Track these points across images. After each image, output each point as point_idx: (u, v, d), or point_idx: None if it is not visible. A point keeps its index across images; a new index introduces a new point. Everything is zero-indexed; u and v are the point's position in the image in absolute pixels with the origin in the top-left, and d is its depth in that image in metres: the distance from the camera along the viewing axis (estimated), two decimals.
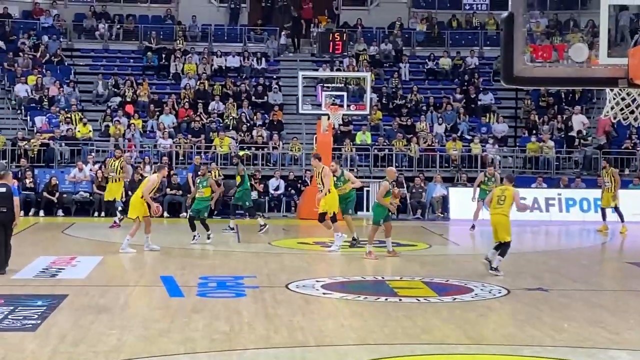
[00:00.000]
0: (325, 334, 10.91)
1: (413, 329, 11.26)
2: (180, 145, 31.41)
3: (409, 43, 39.05)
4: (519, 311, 12.71)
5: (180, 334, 10.67)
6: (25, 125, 32.51)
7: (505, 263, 18.22)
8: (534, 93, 35.25)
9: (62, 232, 23.16)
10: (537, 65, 7.30)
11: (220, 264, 17.40)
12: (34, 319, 11.35)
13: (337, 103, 28.44)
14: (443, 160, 31.86)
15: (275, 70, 37.38)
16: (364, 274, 16.24)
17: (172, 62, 36.37)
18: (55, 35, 36.97)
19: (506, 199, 16.17)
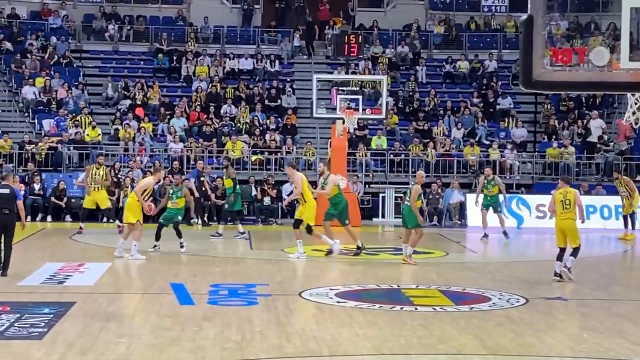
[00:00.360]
0: (339, 343, 10.74)
1: (429, 338, 11.08)
2: (191, 149, 31.18)
3: (426, 45, 38.82)
4: (537, 321, 12.48)
5: (190, 343, 10.52)
6: (32, 128, 32.37)
7: (524, 271, 17.99)
8: (553, 97, 34.93)
9: (70, 237, 22.97)
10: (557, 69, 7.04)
11: (231, 271, 17.18)
12: (40, 327, 11.22)
13: (353, 107, 28.22)
14: (460, 166, 31.56)
15: (289, 73, 37.18)
16: (379, 282, 15.97)
17: (184, 64, 36.21)
18: (63, 37, 36.85)
19: (571, 202, 16.03)
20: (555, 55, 7.46)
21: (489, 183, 23.80)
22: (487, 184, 23.78)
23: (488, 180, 23.84)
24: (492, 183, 23.80)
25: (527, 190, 30.83)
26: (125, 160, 30.54)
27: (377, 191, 30.02)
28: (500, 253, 21.79)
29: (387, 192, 29.50)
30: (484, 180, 23.95)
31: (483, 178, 24.14)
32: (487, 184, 23.79)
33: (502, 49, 38.65)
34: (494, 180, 23.95)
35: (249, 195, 28.52)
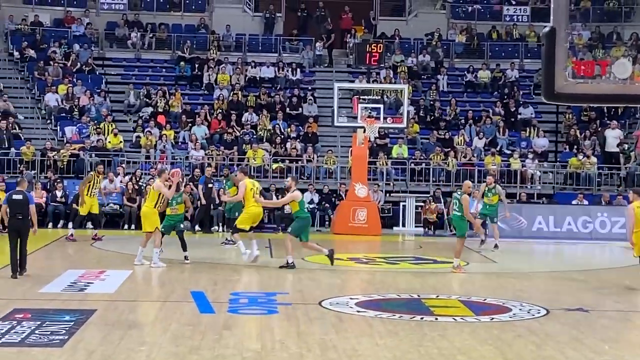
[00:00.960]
0: (359, 353, 10.68)
1: (449, 349, 11.00)
2: (212, 157, 31.21)
3: (448, 55, 38.75)
4: (558, 332, 12.38)
5: (210, 352, 10.48)
6: (55, 135, 32.49)
7: (545, 282, 17.88)
8: (575, 107, 34.76)
9: (91, 245, 23.00)
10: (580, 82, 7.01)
11: (252, 279, 17.17)
12: (61, 335, 11.20)
13: (374, 115, 28.23)
14: (482, 175, 31.37)
15: (310, 82, 37.19)
16: (399, 291, 15.92)
17: (205, 72, 36.27)
18: (86, 44, 37.01)
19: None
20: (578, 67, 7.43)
21: (490, 191, 23.47)
22: (487, 192, 23.47)
23: (489, 188, 23.50)
24: (493, 191, 23.45)
25: (548, 200, 30.71)
26: (146, 167, 30.61)
27: (398, 200, 29.98)
28: (521, 263, 21.67)
29: (408, 201, 29.45)
30: (484, 188, 23.60)
31: (484, 186, 23.75)
32: (488, 192, 23.46)
33: (523, 58, 38.55)
34: (495, 188, 23.60)
35: None
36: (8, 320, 11.96)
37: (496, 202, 23.53)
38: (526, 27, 39.55)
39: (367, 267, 19.98)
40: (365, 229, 27.22)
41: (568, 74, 6.91)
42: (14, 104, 33.54)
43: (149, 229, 18.62)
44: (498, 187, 23.96)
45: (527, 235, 27.28)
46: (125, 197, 27.88)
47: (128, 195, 27.77)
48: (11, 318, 12.14)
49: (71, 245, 22.70)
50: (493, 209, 23.51)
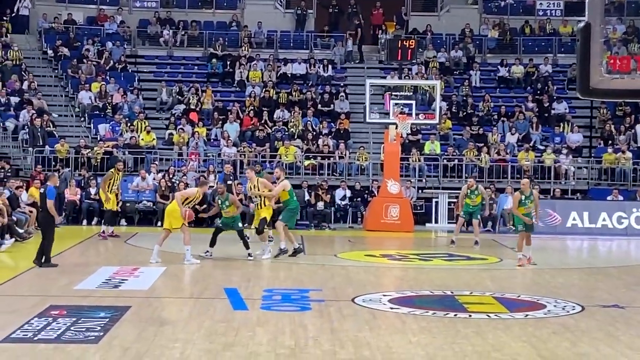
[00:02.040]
0: (392, 350, 10.65)
1: (483, 346, 10.96)
2: (244, 154, 31.27)
3: (480, 50, 38.60)
4: (593, 329, 12.29)
5: (244, 348, 10.49)
6: (88, 132, 32.70)
7: (580, 279, 17.77)
8: (610, 102, 34.49)
9: (125, 242, 23.14)
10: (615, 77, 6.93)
11: (285, 276, 17.17)
12: (96, 331, 11.26)
13: (406, 112, 28.15)
14: (515, 171, 31.28)
15: (342, 78, 37.16)
16: (432, 288, 15.87)
17: (237, 69, 36.33)
18: (119, 42, 37.22)
19: None
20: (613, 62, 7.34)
21: (472, 193, 23.27)
22: (470, 194, 23.29)
23: (471, 190, 23.30)
24: (476, 193, 23.27)
25: (582, 196, 30.51)
26: (179, 164, 30.73)
27: (431, 196, 29.90)
28: (555, 260, 21.55)
29: (440, 198, 29.36)
30: (466, 190, 23.33)
31: (466, 188, 23.45)
32: (471, 193, 23.26)
33: (557, 53, 38.31)
34: (478, 189, 23.43)
35: (302, 200, 28.56)
36: (44, 317, 12.05)
37: (479, 203, 23.41)
38: (559, 22, 39.29)
39: (400, 264, 19.93)
40: (397, 226, 27.18)
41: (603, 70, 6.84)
42: (48, 102, 33.78)
43: (177, 225, 18.54)
44: (480, 188, 23.89)
45: (561, 231, 27.11)
46: (158, 194, 27.98)
47: (161, 193, 27.87)
48: (47, 315, 12.22)
49: (105, 243, 22.82)
50: (476, 208, 23.43)
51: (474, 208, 23.31)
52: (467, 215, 23.36)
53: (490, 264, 20.03)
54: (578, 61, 6.71)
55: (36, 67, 35.97)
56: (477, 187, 23.51)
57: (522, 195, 19.03)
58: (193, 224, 27.37)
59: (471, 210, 23.28)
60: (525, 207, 18.90)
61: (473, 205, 23.23)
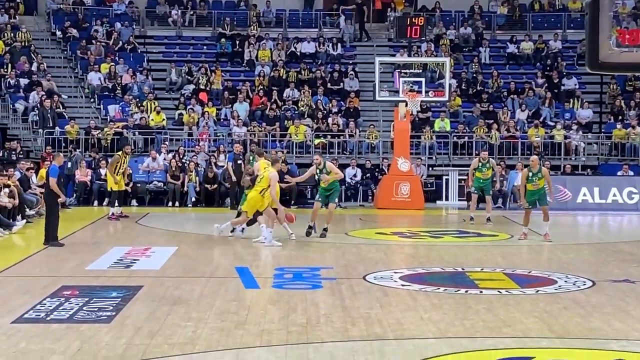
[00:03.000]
0: (404, 327, 10.69)
1: (494, 322, 11.00)
2: (254, 133, 31.27)
3: (490, 27, 38.43)
4: (604, 304, 12.31)
5: (256, 327, 10.55)
6: (98, 114, 32.71)
7: (590, 254, 17.78)
8: (620, 77, 34.37)
9: (136, 222, 23.21)
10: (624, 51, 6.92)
11: (296, 254, 17.21)
12: (109, 311, 11.32)
13: (415, 89, 28.08)
14: (525, 148, 31.23)
15: (351, 56, 37.08)
16: (443, 265, 15.89)
17: (246, 49, 36.27)
18: (127, 22, 37.20)
19: None
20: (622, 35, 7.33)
21: (484, 166, 23.19)
22: (481, 167, 23.20)
23: (483, 163, 23.21)
24: (487, 166, 23.21)
25: (592, 171, 30.46)
26: (189, 144, 30.77)
27: (441, 174, 29.87)
28: (566, 235, 21.54)
29: (451, 175, 29.32)
30: (478, 163, 23.25)
31: (477, 160, 23.40)
32: (482, 166, 23.18)
33: (566, 28, 38.13)
34: (489, 162, 23.39)
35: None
36: (56, 297, 12.12)
37: (490, 176, 23.34)
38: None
39: (411, 241, 19.94)
40: (408, 203, 27.17)
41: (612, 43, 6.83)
42: (58, 83, 33.80)
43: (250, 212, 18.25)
44: (492, 161, 23.89)
45: (572, 207, 27.08)
46: (169, 174, 28.02)
47: (171, 173, 27.91)
48: (59, 295, 12.30)
49: (116, 223, 22.89)
50: (486, 182, 23.35)
51: (484, 182, 23.24)
52: (479, 190, 23.35)
53: (500, 241, 20.04)
54: (587, 35, 6.71)
55: (45, 49, 35.96)
56: (489, 160, 23.48)
57: (530, 172, 19.03)
58: (203, 204, 27.59)
59: (482, 184, 23.24)
60: (532, 184, 18.91)
61: (484, 178, 23.17)
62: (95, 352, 9.32)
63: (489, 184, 23.46)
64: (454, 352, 9.59)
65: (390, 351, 9.54)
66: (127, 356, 9.20)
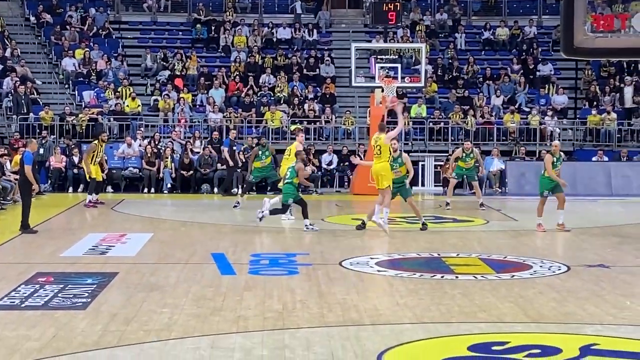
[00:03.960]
0: (380, 312, 10.71)
1: (470, 307, 11.04)
2: (230, 119, 31.19)
3: (465, 12, 38.48)
4: (579, 289, 12.38)
5: (232, 313, 10.54)
6: (72, 100, 32.53)
7: (565, 239, 17.86)
8: (594, 63, 34.54)
9: (112, 208, 23.12)
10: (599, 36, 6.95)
11: (272, 241, 17.21)
12: (84, 297, 11.28)
13: (391, 75, 28.06)
14: (501, 134, 31.34)
15: (327, 42, 37.03)
16: (419, 250, 15.92)
17: (222, 35, 36.15)
18: (102, 8, 37.04)
19: None
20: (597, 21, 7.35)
21: (468, 156, 23.41)
22: (465, 157, 23.39)
23: (467, 153, 23.45)
24: (471, 156, 23.45)
25: (567, 157, 30.57)
26: (165, 131, 30.66)
27: (417, 159, 29.89)
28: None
29: (427, 161, 29.38)
30: (462, 154, 23.45)
31: (461, 150, 23.60)
32: (466, 157, 23.40)
33: (542, 14, 38.25)
34: (473, 152, 23.61)
35: None
36: (31, 284, 12.06)
37: (473, 165, 23.58)
38: None
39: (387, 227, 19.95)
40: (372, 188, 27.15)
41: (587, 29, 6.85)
42: (32, 69, 33.58)
43: (387, 184, 17.82)
44: (475, 151, 24.05)
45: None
46: (144, 160, 27.92)
47: (147, 159, 27.82)
48: (34, 282, 12.23)
49: (91, 210, 22.77)
50: (470, 170, 23.57)
51: (467, 171, 23.42)
52: (460, 177, 23.53)
53: (476, 226, 20.11)
54: (562, 20, 6.72)
55: (19, 34, 35.73)
56: (472, 150, 23.67)
57: (553, 157, 18.95)
58: (179, 190, 27.54)
59: (464, 172, 23.42)
60: (555, 170, 18.88)
61: (467, 167, 23.36)
62: (71, 339, 9.27)
63: (472, 172, 23.61)
64: (429, 337, 9.61)
65: (367, 337, 9.54)
66: (102, 342, 9.16)
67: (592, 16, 7.47)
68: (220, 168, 27.69)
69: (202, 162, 27.78)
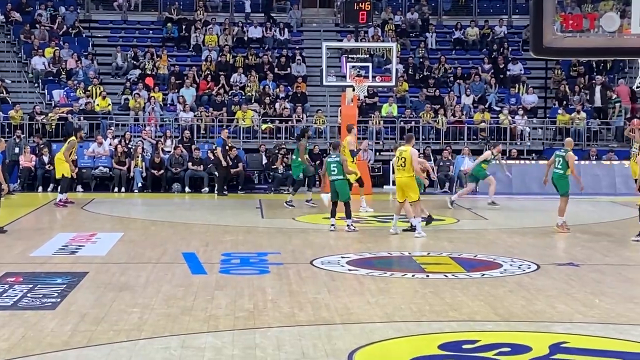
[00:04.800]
0: (351, 311, 10.74)
1: (441, 305, 11.08)
2: (201, 118, 31.12)
3: (436, 12, 38.58)
4: (549, 287, 12.47)
5: (203, 312, 10.55)
6: (42, 99, 32.34)
7: (535, 238, 17.95)
8: (564, 63, 34.75)
9: (82, 208, 23.00)
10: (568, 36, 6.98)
11: (243, 240, 17.18)
12: (53, 297, 11.25)
13: (362, 74, 28.08)
14: (471, 133, 31.46)
15: (298, 41, 37.02)
16: (390, 249, 15.97)
17: (193, 34, 36.05)
18: (72, 6, 36.85)
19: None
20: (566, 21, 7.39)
21: (494, 159, 24.02)
22: (492, 160, 23.89)
23: (494, 156, 23.99)
24: (496, 160, 24.09)
25: (537, 156, 30.74)
26: (135, 130, 30.53)
27: (388, 159, 29.93)
28: (511, 220, 21.75)
29: None
30: (490, 156, 23.82)
31: (490, 153, 23.88)
32: (493, 159, 23.93)
33: (512, 14, 38.45)
34: (498, 156, 24.22)
35: (259, 164, 28.65)
36: (0, 284, 11.98)
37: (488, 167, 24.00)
38: None
39: (358, 226, 19.95)
40: (355, 188, 27.09)
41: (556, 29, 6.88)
42: (1, 68, 33.40)
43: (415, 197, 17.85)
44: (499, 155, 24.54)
45: (517, 191, 27.31)
46: (114, 160, 27.79)
47: (117, 159, 27.68)
48: (3, 282, 12.17)
49: (61, 209, 22.63)
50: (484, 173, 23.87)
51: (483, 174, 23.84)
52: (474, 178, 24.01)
53: (447, 225, 20.17)
54: (531, 20, 6.75)
55: None
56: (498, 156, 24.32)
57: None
58: (149, 189, 27.42)
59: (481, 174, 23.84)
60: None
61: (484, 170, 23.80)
62: (40, 339, 9.23)
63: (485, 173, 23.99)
64: (400, 336, 9.64)
65: (338, 336, 9.55)
66: (72, 343, 9.12)
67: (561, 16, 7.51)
68: (191, 168, 27.54)
69: (173, 161, 27.70)
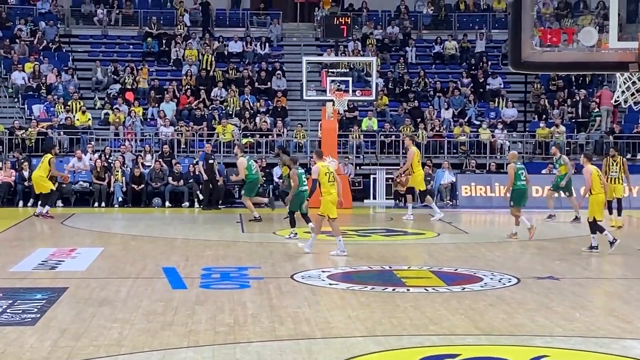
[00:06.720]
0: (332, 326, 10.76)
1: (421, 319, 11.10)
2: (182, 133, 31.08)
3: (416, 26, 38.73)
4: (529, 300, 12.51)
5: (183, 327, 10.54)
6: (22, 114, 32.24)
7: (515, 252, 18.01)
8: (543, 77, 34.95)
9: (62, 222, 22.90)
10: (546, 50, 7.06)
11: (223, 254, 17.15)
12: (33, 313, 11.22)
13: (342, 89, 28.12)
14: (451, 146, 31.55)
15: (278, 56, 37.06)
16: (370, 263, 15.98)
17: (173, 48, 36.04)
18: (52, 21, 36.71)
19: None
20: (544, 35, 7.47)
21: (557, 162, 23.73)
22: (555, 164, 23.87)
23: (555, 159, 23.85)
24: (560, 162, 23.51)
25: None
26: (115, 144, 30.46)
27: (368, 172, 30.02)
28: (491, 233, 21.82)
29: (378, 174, 29.47)
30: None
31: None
32: (556, 162, 23.81)
33: (491, 28, 38.63)
34: (561, 159, 23.59)
35: None
36: None
37: (564, 173, 23.36)
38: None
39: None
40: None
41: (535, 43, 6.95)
42: None
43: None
44: (564, 157, 23.89)
45: (498, 204, 27.37)
46: (94, 175, 27.69)
47: (97, 174, 27.58)
48: None
49: (41, 224, 22.57)
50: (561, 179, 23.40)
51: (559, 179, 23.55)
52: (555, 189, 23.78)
53: (427, 239, 20.21)
54: (510, 34, 6.82)
55: None
56: (561, 157, 23.76)
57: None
58: (130, 204, 27.34)
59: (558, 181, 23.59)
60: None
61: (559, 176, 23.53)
62: (20, 355, 9.19)
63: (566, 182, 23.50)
64: (381, 350, 9.67)
65: (318, 350, 9.56)
66: (52, 358, 9.10)
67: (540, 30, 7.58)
68: (171, 182, 27.50)
69: (153, 175, 27.63)
